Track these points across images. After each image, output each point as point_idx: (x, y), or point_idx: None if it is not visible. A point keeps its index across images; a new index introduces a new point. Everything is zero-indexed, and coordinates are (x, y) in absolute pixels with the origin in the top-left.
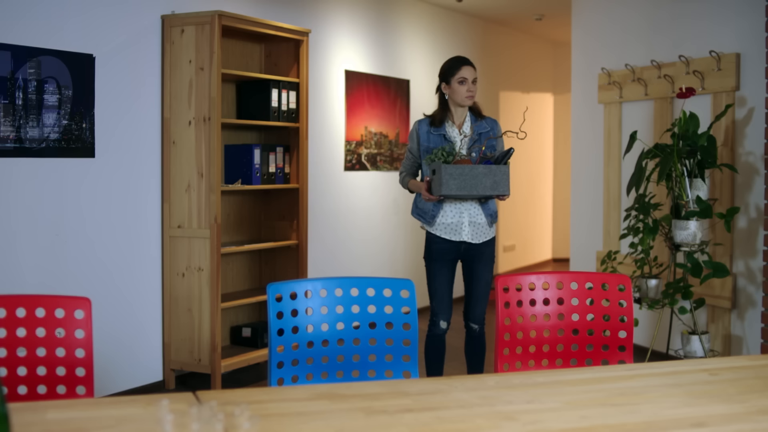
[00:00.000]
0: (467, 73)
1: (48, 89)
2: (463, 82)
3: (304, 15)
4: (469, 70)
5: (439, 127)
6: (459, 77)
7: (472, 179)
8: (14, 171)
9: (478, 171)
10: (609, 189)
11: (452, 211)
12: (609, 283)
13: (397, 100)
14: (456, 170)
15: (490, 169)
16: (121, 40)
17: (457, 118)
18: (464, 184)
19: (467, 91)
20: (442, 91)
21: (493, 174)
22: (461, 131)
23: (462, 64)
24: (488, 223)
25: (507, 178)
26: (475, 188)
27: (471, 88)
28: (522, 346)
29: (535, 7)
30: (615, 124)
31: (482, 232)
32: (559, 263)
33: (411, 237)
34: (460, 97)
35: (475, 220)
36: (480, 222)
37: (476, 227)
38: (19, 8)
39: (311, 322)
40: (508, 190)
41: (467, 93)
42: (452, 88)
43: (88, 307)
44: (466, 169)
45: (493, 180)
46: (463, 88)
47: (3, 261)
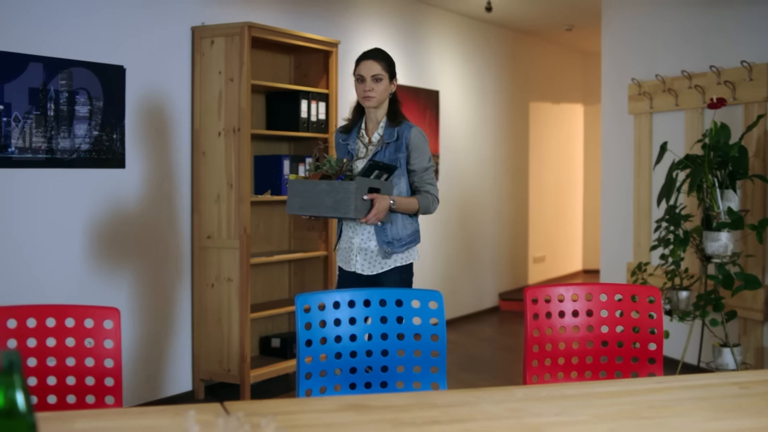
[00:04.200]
0: (364, 70)
1: (79, 100)
2: (360, 80)
3: (333, 26)
4: (368, 66)
5: (348, 135)
6: (356, 74)
7: (314, 197)
8: (46, 182)
9: (319, 188)
10: (639, 200)
11: (346, 234)
12: (639, 295)
13: (427, 111)
14: (300, 186)
15: (332, 185)
16: (152, 51)
17: (371, 124)
18: (307, 203)
19: (363, 90)
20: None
21: (335, 192)
22: (371, 140)
23: (361, 59)
24: (380, 252)
25: (351, 198)
26: (317, 207)
27: (369, 86)
28: (551, 358)
29: (565, 18)
30: (645, 134)
31: (375, 261)
32: (589, 274)
33: (441, 248)
34: (359, 98)
35: (365, 246)
36: (371, 249)
37: (367, 255)
38: (51, 21)
39: (339, 333)
40: (353, 213)
41: (363, 93)
42: (355, 87)
43: (117, 317)
44: (309, 185)
45: (335, 199)
46: (360, 87)
47: (33, 271)
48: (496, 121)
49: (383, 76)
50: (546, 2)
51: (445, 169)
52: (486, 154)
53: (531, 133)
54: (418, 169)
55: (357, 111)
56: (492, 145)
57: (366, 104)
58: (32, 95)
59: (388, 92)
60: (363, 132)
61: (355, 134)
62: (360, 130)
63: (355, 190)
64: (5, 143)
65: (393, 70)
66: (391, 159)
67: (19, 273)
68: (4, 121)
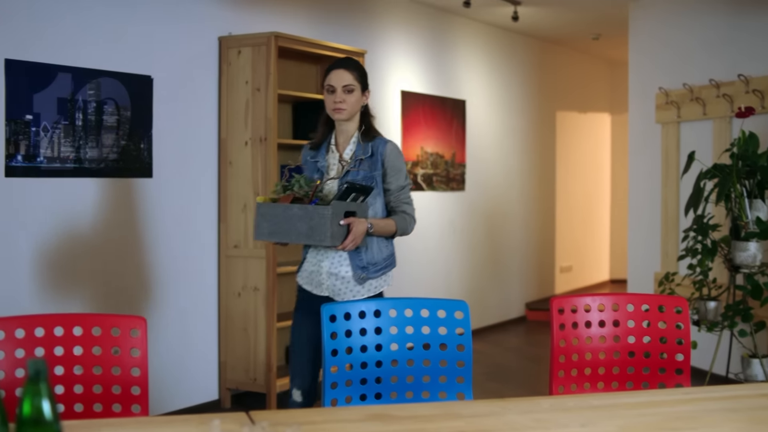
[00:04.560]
0: (335, 79)
1: (107, 110)
2: (330, 90)
3: (360, 36)
4: (339, 75)
5: (317, 151)
6: (326, 84)
7: (285, 222)
8: (74, 190)
9: (291, 212)
10: (667, 209)
11: (313, 257)
12: (666, 305)
13: (454, 121)
14: (269, 210)
15: (306, 210)
16: (179, 61)
17: (342, 139)
18: (277, 228)
19: (333, 102)
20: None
21: (309, 217)
22: (343, 157)
23: (331, 68)
24: (355, 278)
25: (327, 224)
26: (289, 234)
27: (339, 98)
28: (577, 369)
29: (591, 27)
30: (673, 144)
31: (347, 288)
32: (616, 284)
33: (467, 258)
34: (328, 111)
35: (336, 271)
36: (345, 275)
37: (339, 281)
38: (79, 32)
39: (365, 342)
40: (330, 240)
41: (333, 105)
42: (324, 99)
43: (144, 327)
44: (278, 210)
45: (309, 225)
46: (330, 98)
47: (61, 279)
48: (522, 131)
49: (355, 87)
50: (573, 11)
51: (472, 178)
52: (513, 164)
53: (558, 142)
54: (394, 188)
55: (326, 125)
56: (519, 154)
57: (336, 117)
58: (61, 105)
59: (360, 104)
60: (333, 148)
61: (324, 151)
62: (329, 146)
63: (331, 216)
64: (34, 153)
65: (365, 81)
66: (365, 177)
67: (48, 280)
68: (33, 131)
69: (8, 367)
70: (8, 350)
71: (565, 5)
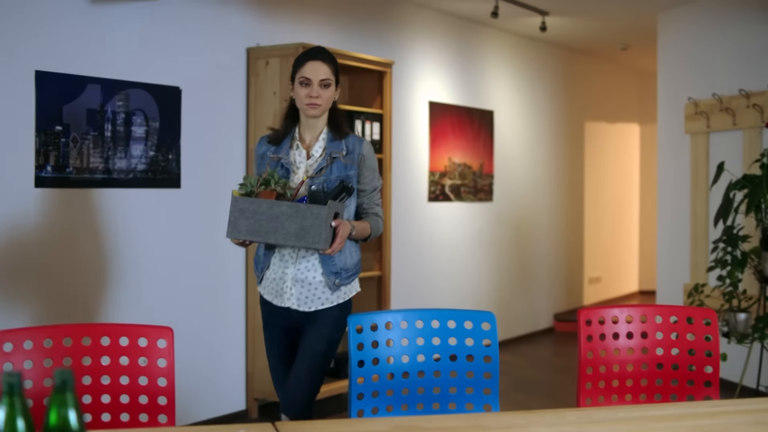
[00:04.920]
0: (311, 72)
1: (136, 121)
2: (305, 83)
3: (387, 46)
4: (316, 68)
5: (278, 146)
6: (300, 76)
7: (271, 221)
8: (102, 201)
9: (280, 210)
10: (696, 220)
11: (275, 263)
12: (694, 317)
13: (481, 131)
14: (250, 206)
15: (297, 208)
16: (207, 72)
17: (309, 135)
18: (259, 227)
19: (308, 97)
20: (291, 94)
21: (301, 216)
22: (310, 154)
23: (306, 59)
24: (328, 283)
25: (321, 225)
26: (274, 234)
27: (315, 92)
28: (605, 381)
29: (620, 37)
30: (702, 154)
31: (314, 296)
32: (646, 296)
33: (495, 269)
34: (301, 105)
35: (303, 277)
36: (312, 281)
37: (306, 288)
38: (108, 43)
39: (392, 353)
40: (323, 242)
41: (308, 100)
42: (295, 91)
43: (171, 337)
44: (263, 206)
45: (301, 225)
46: (303, 92)
47: (90, 289)
48: (550, 141)
49: (331, 81)
50: (601, 22)
51: (500, 189)
52: (540, 174)
53: (586, 153)
54: (368, 188)
55: (289, 119)
56: (547, 164)
57: (309, 113)
58: (90, 116)
59: (332, 100)
60: (298, 144)
61: (287, 146)
62: (294, 141)
63: (326, 217)
64: (63, 163)
65: (338, 75)
66: (340, 176)
67: (75, 290)
68: (62, 142)
69: (36, 377)
70: (36, 360)
71: (593, 15)
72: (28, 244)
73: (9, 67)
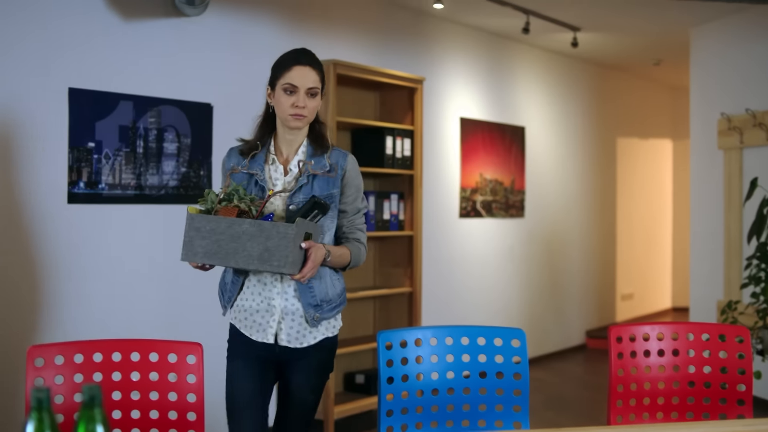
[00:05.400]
0: (298, 78)
1: (167, 137)
2: (290, 91)
3: (418, 63)
4: (304, 74)
5: (252, 159)
6: (284, 83)
7: (231, 241)
8: (134, 217)
9: (241, 229)
10: (729, 237)
11: (254, 289)
12: (726, 334)
13: (513, 147)
14: (207, 224)
15: (261, 227)
16: (238, 89)
17: (286, 146)
18: (218, 248)
19: (293, 107)
20: (267, 100)
21: (265, 236)
22: (288, 169)
23: (293, 62)
24: (307, 317)
25: (288, 246)
26: (234, 257)
27: (301, 102)
28: (636, 398)
29: (652, 52)
30: (735, 170)
31: (305, 330)
32: (679, 312)
33: (527, 285)
34: (283, 115)
35: (294, 309)
36: (296, 311)
37: (294, 321)
38: (140, 61)
39: (421, 370)
40: (290, 266)
41: (292, 110)
42: (276, 98)
43: (200, 353)
44: (222, 224)
45: (265, 246)
46: (288, 101)
47: (121, 304)
48: (582, 157)
49: (319, 90)
50: (633, 37)
51: (531, 204)
52: (572, 190)
53: (619, 168)
54: (350, 210)
55: (264, 129)
56: (578, 180)
57: (293, 124)
58: (122, 133)
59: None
60: (274, 158)
61: (260, 160)
62: (270, 155)
63: (294, 236)
64: (96, 180)
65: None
66: (323, 196)
67: (108, 306)
68: (95, 158)
69: (67, 392)
70: (67, 375)
71: (625, 31)
72: (61, 260)
73: (43, 85)
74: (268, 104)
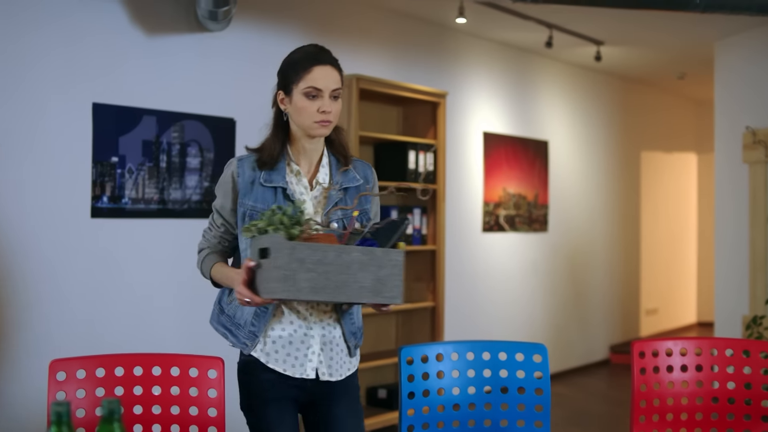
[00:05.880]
0: (322, 80)
1: (190, 152)
2: (312, 95)
3: (441, 77)
4: (328, 75)
5: (272, 171)
6: (306, 86)
7: (339, 272)
8: (157, 231)
9: (350, 257)
10: (755, 251)
11: (288, 318)
12: (751, 350)
13: (536, 162)
14: (310, 253)
15: (372, 254)
16: (261, 104)
17: (306, 158)
18: (325, 281)
19: (319, 112)
20: (278, 105)
21: (377, 264)
22: (314, 183)
23: (313, 62)
24: (349, 346)
25: (399, 274)
26: (344, 290)
27: (328, 107)
28: (658, 414)
29: (676, 66)
30: (761, 184)
31: (342, 360)
32: (704, 327)
33: (550, 299)
34: (306, 123)
35: (331, 338)
36: (339, 341)
37: (334, 351)
38: (164, 75)
39: (442, 385)
40: (401, 295)
41: (319, 117)
42: (294, 104)
43: (221, 367)
44: (328, 253)
45: (377, 276)
46: (313, 106)
47: (143, 318)
48: (606, 171)
49: (341, 93)
50: (657, 51)
51: (555, 219)
52: (596, 204)
53: (643, 182)
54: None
55: (278, 139)
56: (603, 195)
57: (318, 132)
58: (145, 147)
59: None
60: (299, 170)
61: (283, 172)
62: (291, 166)
63: (403, 263)
64: (119, 194)
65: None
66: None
67: (130, 320)
68: (118, 173)
69: (88, 406)
70: (89, 389)
71: (649, 45)
72: (84, 273)
73: (67, 100)
74: (280, 111)
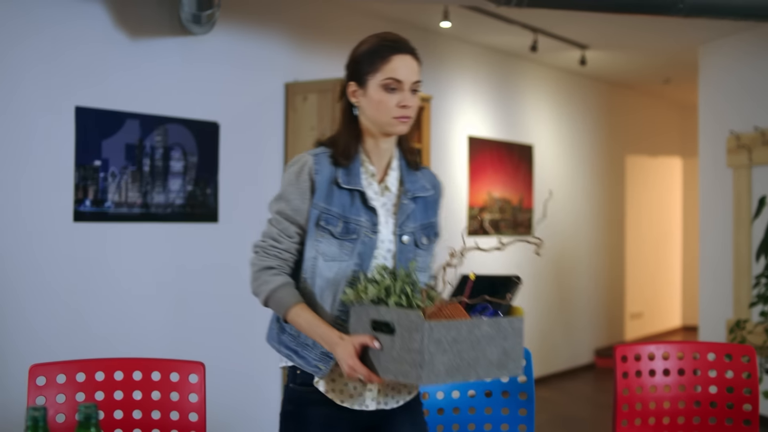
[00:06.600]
0: (403, 71)
1: (174, 156)
2: (392, 87)
3: (426, 81)
4: (408, 65)
5: (348, 168)
6: (386, 77)
7: (470, 348)
8: (140, 235)
9: (480, 332)
10: (738, 255)
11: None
12: (733, 354)
13: (521, 166)
14: (448, 333)
15: (498, 325)
16: (245, 107)
17: (378, 159)
18: (459, 360)
19: (399, 107)
20: (348, 98)
21: (502, 335)
22: (382, 185)
23: (392, 51)
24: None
25: (521, 342)
26: (474, 368)
27: (408, 101)
28: (641, 418)
29: (661, 71)
30: (744, 188)
31: (400, 385)
32: (689, 331)
33: (535, 303)
34: (384, 119)
35: None
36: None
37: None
38: (147, 78)
39: (426, 389)
40: (522, 367)
41: (399, 112)
42: (370, 97)
43: (202, 372)
44: (462, 331)
45: (502, 348)
46: (392, 100)
47: (125, 323)
48: (591, 175)
49: (420, 86)
50: (642, 55)
51: (540, 223)
52: (581, 209)
53: (627, 187)
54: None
55: (352, 134)
56: (587, 199)
57: (398, 129)
58: (128, 151)
59: None
60: (374, 171)
61: (358, 173)
62: (366, 167)
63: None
64: (102, 198)
65: None
66: (424, 224)
67: (112, 325)
68: (101, 177)
69: (68, 411)
70: (69, 394)
71: (633, 49)
72: (66, 277)
73: (50, 104)
74: (350, 104)
